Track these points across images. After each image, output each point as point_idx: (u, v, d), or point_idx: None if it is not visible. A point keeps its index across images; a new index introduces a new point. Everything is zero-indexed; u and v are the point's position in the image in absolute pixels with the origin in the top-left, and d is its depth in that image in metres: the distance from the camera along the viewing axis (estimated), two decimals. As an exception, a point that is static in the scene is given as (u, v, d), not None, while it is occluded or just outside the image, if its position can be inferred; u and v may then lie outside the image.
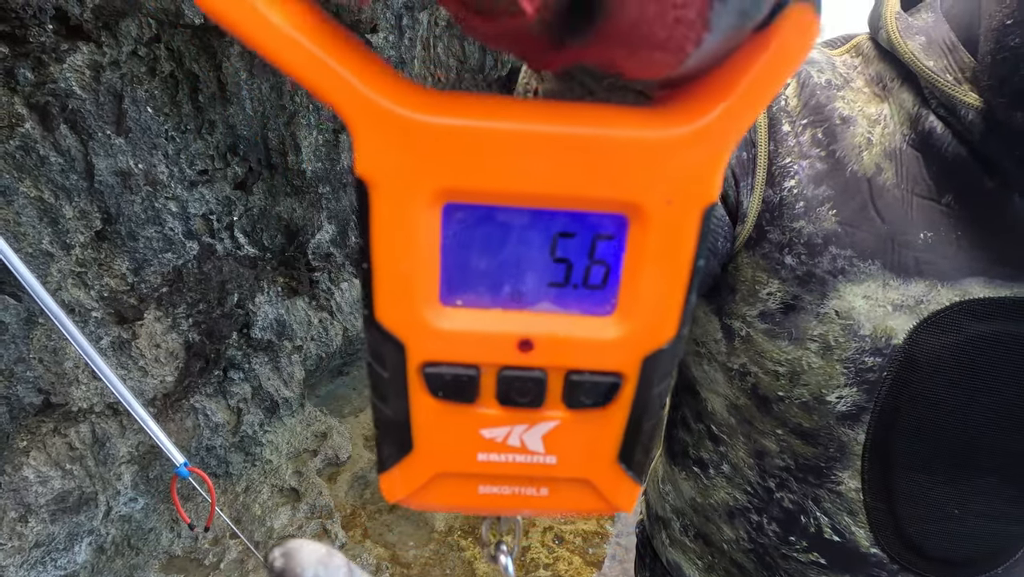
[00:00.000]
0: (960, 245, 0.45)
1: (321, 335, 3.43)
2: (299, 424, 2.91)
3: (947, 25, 0.45)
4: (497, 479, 0.21)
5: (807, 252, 0.48)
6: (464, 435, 0.20)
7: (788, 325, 0.49)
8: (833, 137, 0.48)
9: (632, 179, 0.16)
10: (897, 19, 0.48)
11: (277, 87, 3.96)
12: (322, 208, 4.18)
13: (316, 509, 2.46)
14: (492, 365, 0.18)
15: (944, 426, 0.48)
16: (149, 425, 1.82)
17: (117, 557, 2.17)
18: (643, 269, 0.17)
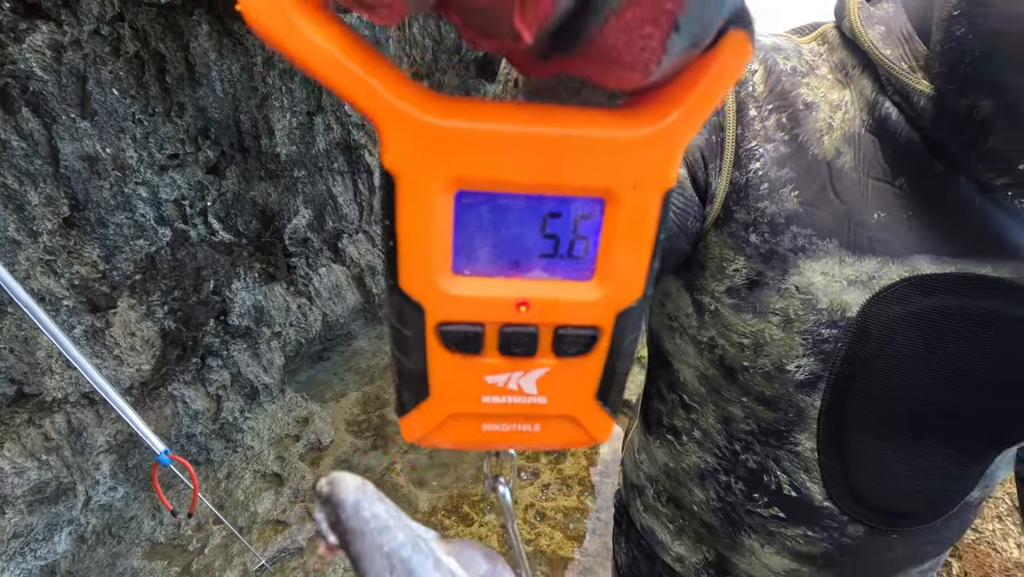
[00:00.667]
0: (911, 225, 0.48)
1: (300, 321, 3.41)
2: (280, 410, 2.91)
3: (905, 15, 0.48)
4: (498, 418, 0.25)
5: (770, 231, 0.50)
6: (471, 381, 0.23)
7: (752, 300, 0.52)
8: (796, 122, 0.50)
9: (606, 170, 0.20)
10: (860, 9, 0.50)
11: (248, 68, 3.87)
12: (298, 192, 4.12)
13: (300, 493, 2.47)
14: (495, 323, 0.22)
15: (893, 392, 0.51)
16: (127, 413, 1.81)
17: (98, 546, 2.16)
18: (616, 242, 0.21)
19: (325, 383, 3.42)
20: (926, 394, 0.50)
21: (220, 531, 2.28)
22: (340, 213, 4.34)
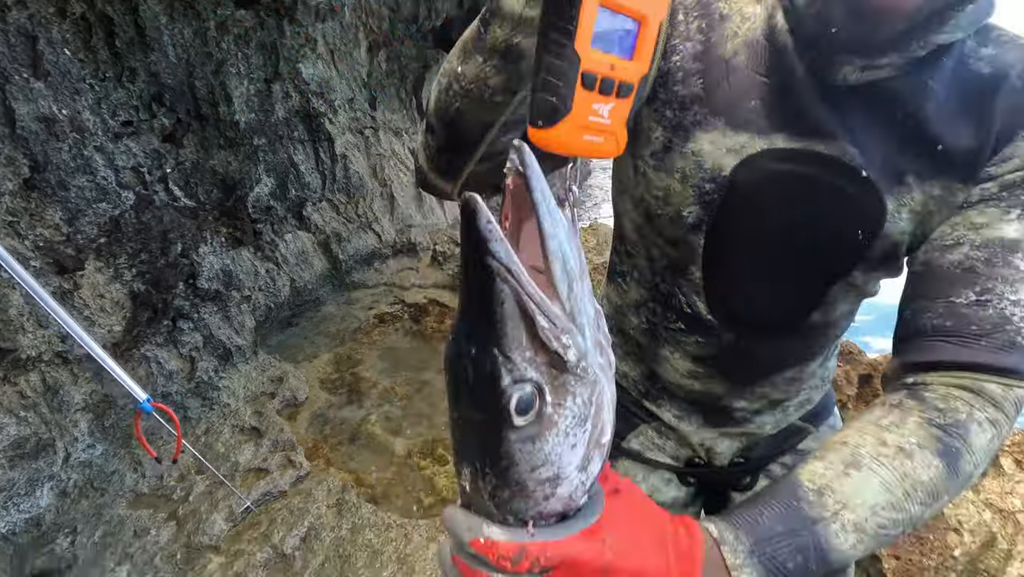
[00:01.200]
0: (774, 111, 0.64)
1: (269, 286, 3.45)
2: (254, 370, 2.97)
3: None
4: (591, 131, 0.45)
5: (680, 108, 0.66)
6: (587, 107, 0.43)
7: (666, 161, 0.68)
8: (712, 28, 0.66)
9: (644, 5, 0.44)
10: None
11: (201, 33, 3.80)
12: (259, 161, 4.10)
13: (279, 444, 2.57)
14: (601, 75, 0.43)
15: (754, 232, 0.69)
16: (108, 362, 1.86)
17: (82, 499, 2.22)
18: (642, 43, 0.45)
19: (296, 346, 3.49)
20: (777, 233, 0.67)
21: (203, 480, 2.36)
22: (303, 182, 4.34)
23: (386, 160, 5.07)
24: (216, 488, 2.31)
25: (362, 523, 2.16)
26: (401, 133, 6.08)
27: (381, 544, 2.06)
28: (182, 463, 2.35)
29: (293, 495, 2.33)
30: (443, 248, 4.42)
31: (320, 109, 4.67)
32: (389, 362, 3.41)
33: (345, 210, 4.44)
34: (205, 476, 2.39)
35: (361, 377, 3.24)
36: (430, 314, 3.94)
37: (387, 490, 2.49)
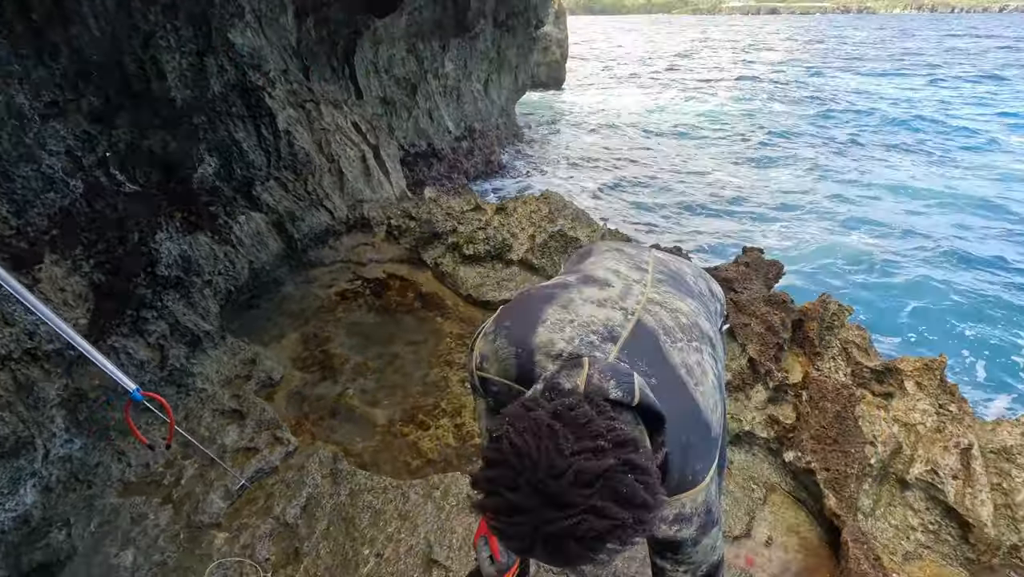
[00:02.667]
0: None
1: (228, 269, 3.41)
2: (225, 354, 2.97)
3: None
4: None
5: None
6: None
7: None
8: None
9: None
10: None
11: (125, 3, 3.57)
12: (199, 140, 3.94)
13: (262, 423, 2.62)
14: None
15: None
16: (95, 355, 1.87)
17: (68, 493, 2.21)
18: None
19: (261, 328, 3.48)
20: None
21: (192, 464, 2.40)
22: (247, 160, 4.22)
23: (331, 135, 4.97)
24: (207, 470, 2.36)
25: (359, 487, 2.29)
26: (341, 105, 5.93)
27: (381, 504, 2.21)
28: (167, 449, 2.37)
29: (285, 469, 2.42)
30: (397, 222, 4.45)
31: (258, 83, 4.49)
32: (357, 337, 3.48)
33: (294, 188, 4.37)
34: (193, 460, 2.42)
35: (332, 354, 3.30)
36: (391, 288, 4.01)
37: (375, 457, 2.62)
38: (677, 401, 0.92)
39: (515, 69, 13.87)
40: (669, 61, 39.14)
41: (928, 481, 2.16)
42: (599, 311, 1.00)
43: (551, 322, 0.97)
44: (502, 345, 0.99)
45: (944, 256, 8.84)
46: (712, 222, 10.39)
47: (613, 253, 1.30)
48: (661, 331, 1.00)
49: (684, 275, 1.30)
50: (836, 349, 2.56)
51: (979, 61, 34.98)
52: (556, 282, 1.12)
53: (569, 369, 0.86)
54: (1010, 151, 14.93)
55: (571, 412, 0.72)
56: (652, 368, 0.93)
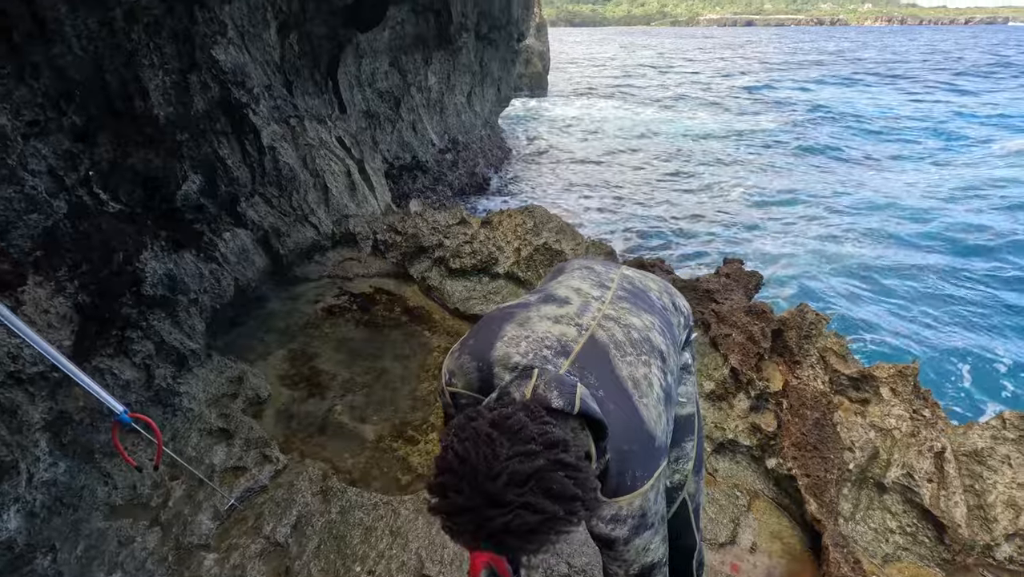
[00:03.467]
0: None
1: (214, 287, 3.40)
2: (211, 373, 2.96)
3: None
4: None
5: None
6: None
7: None
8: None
9: None
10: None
11: (107, 22, 3.58)
12: (183, 157, 3.94)
13: (251, 442, 2.61)
14: None
15: None
16: (82, 378, 1.87)
17: (53, 517, 2.19)
18: None
19: (247, 345, 3.47)
20: None
21: (179, 485, 2.39)
22: (231, 176, 4.22)
23: (315, 150, 4.99)
24: (195, 490, 2.35)
25: (350, 504, 2.30)
26: (325, 120, 5.96)
27: (372, 521, 2.22)
28: (155, 471, 2.35)
29: (275, 488, 2.42)
30: (383, 237, 4.48)
31: (242, 99, 4.50)
32: (344, 353, 3.49)
33: (279, 203, 4.37)
34: (181, 480, 2.41)
35: (319, 370, 3.31)
36: (378, 303, 4.03)
37: (364, 474, 2.63)
38: (621, 412, 1.00)
39: (498, 81, 14.01)
40: (648, 73, 39.81)
41: (904, 484, 2.23)
42: (555, 327, 1.09)
43: (508, 338, 1.06)
44: (466, 360, 1.08)
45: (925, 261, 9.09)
46: (698, 230, 10.56)
47: (581, 271, 1.37)
48: (612, 345, 1.08)
49: (649, 291, 1.36)
50: (814, 357, 2.64)
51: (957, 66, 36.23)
52: (519, 302, 1.22)
53: (520, 380, 0.95)
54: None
55: (507, 420, 0.80)
56: (600, 380, 1.01)
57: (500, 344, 1.05)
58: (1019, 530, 2.12)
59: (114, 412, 1.94)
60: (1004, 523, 2.14)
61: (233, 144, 4.39)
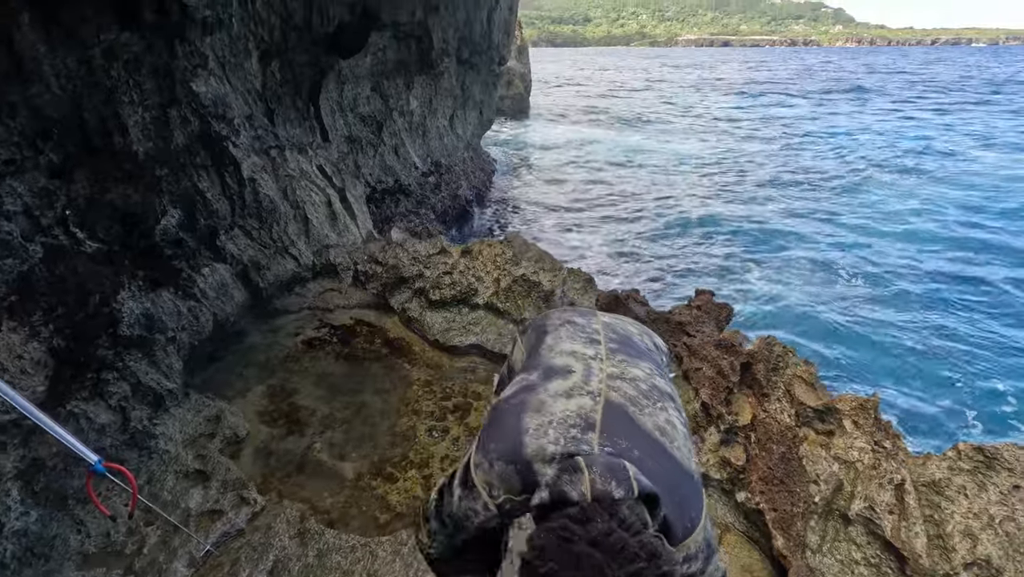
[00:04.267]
0: None
1: (192, 324, 3.40)
2: (188, 412, 2.95)
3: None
4: None
5: None
6: None
7: None
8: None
9: None
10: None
11: (86, 61, 3.61)
12: (162, 192, 3.95)
13: (227, 483, 2.61)
14: None
15: None
16: (56, 429, 1.87)
17: (24, 568, 2.16)
18: None
19: (226, 382, 3.47)
20: None
21: (154, 531, 2.38)
22: (211, 209, 4.23)
23: (296, 181, 5.03)
24: (171, 536, 2.34)
25: (327, 547, 2.31)
26: (306, 149, 6.00)
27: (349, 564, 2.23)
28: (130, 519, 2.34)
29: (252, 531, 2.42)
30: (364, 268, 4.51)
31: (222, 132, 4.53)
32: (324, 388, 3.50)
33: (259, 236, 4.39)
34: (155, 526, 2.40)
35: (299, 406, 3.31)
36: (359, 335, 4.05)
37: (343, 514, 2.64)
38: (660, 465, 1.03)
39: (480, 104, 14.20)
40: (628, 94, 40.57)
41: (867, 517, 2.31)
42: (570, 403, 1.10)
43: (533, 430, 1.06)
44: (500, 468, 1.06)
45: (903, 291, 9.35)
46: (677, 257, 10.73)
47: (566, 328, 1.41)
48: (628, 403, 1.12)
49: (631, 336, 1.42)
50: (781, 390, 2.73)
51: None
52: (523, 386, 1.21)
53: (570, 475, 0.95)
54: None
55: (608, 538, 0.81)
56: (631, 441, 1.04)
57: (528, 439, 1.05)
58: (976, 559, 2.20)
59: (88, 462, 1.94)
60: (962, 552, 2.22)
61: (213, 177, 4.41)
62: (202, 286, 3.63)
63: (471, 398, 3.40)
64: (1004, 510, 2.24)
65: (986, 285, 9.31)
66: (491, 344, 3.83)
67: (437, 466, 2.91)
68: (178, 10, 4.14)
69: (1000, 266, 10.03)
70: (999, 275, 9.64)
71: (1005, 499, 2.27)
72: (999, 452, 2.34)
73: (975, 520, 2.25)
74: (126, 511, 2.21)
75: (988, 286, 9.27)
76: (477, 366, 3.74)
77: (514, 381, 1.28)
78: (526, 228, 11.79)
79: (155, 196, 3.91)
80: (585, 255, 10.58)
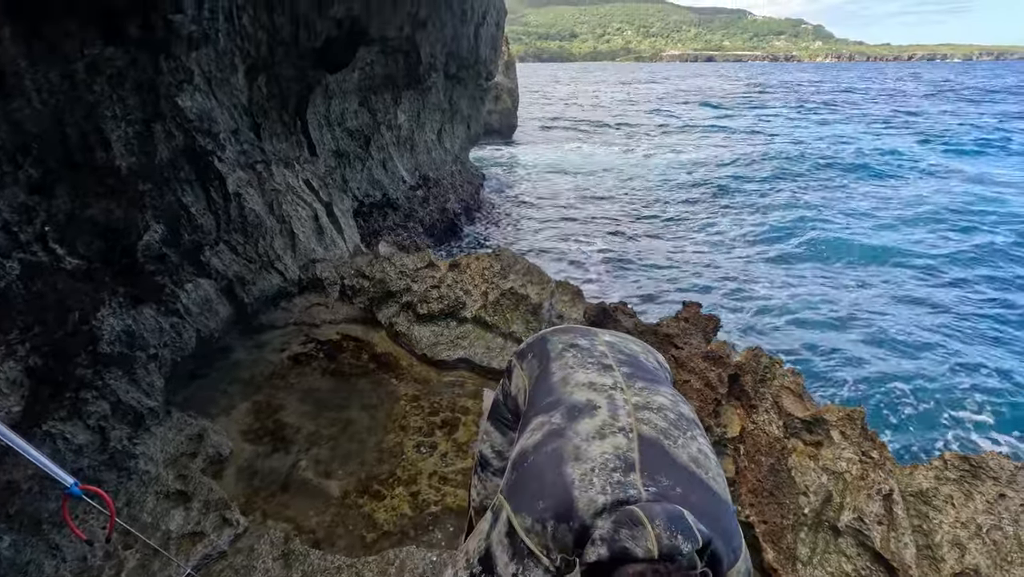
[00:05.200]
0: None
1: (175, 340, 3.34)
2: (170, 431, 2.89)
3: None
4: None
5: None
6: None
7: None
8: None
9: None
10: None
11: (69, 75, 3.58)
12: (146, 207, 3.91)
13: (210, 504, 2.55)
14: None
15: None
16: (31, 451, 1.82)
17: (-4, 597, 2.09)
18: None
19: (209, 399, 3.40)
20: None
21: (133, 554, 2.31)
22: (195, 224, 4.19)
23: (282, 195, 5.00)
24: (150, 560, 2.28)
25: (312, 569, 2.26)
26: (292, 163, 5.98)
27: (335, 587, 2.18)
28: (107, 543, 2.27)
29: (234, 554, 2.36)
30: (351, 282, 4.48)
31: (207, 147, 4.50)
32: (310, 404, 3.45)
33: (245, 251, 4.35)
34: (134, 550, 2.33)
35: (284, 423, 3.26)
36: (345, 350, 4.01)
37: (329, 533, 2.59)
38: (700, 499, 1.01)
39: (467, 119, 14.29)
40: (614, 106, 41.09)
41: (856, 528, 2.31)
42: (605, 444, 1.07)
43: (579, 481, 1.01)
44: (554, 527, 1.01)
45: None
46: (663, 268, 10.81)
47: (573, 354, 1.37)
48: (661, 436, 1.09)
49: (638, 356, 1.41)
50: (769, 402, 2.74)
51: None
52: (549, 430, 1.16)
53: (630, 529, 0.90)
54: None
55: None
56: (671, 477, 1.02)
57: (577, 493, 1.00)
58: (965, 569, 2.21)
59: (63, 485, 1.89)
60: (951, 562, 2.22)
61: (198, 192, 4.37)
62: (185, 302, 3.58)
63: (459, 413, 3.36)
64: (991, 519, 2.25)
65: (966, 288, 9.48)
66: (479, 358, 3.80)
67: (425, 482, 2.87)
68: (163, 25, 4.13)
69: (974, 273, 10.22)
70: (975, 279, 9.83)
71: (991, 508, 2.28)
72: (984, 461, 2.36)
73: (963, 529, 2.26)
74: (103, 534, 2.15)
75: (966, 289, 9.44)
76: (465, 380, 3.71)
77: (533, 423, 1.22)
78: (514, 241, 11.82)
79: (138, 211, 3.86)
80: (573, 267, 10.62)
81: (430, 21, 10.51)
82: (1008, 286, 9.78)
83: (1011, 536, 2.19)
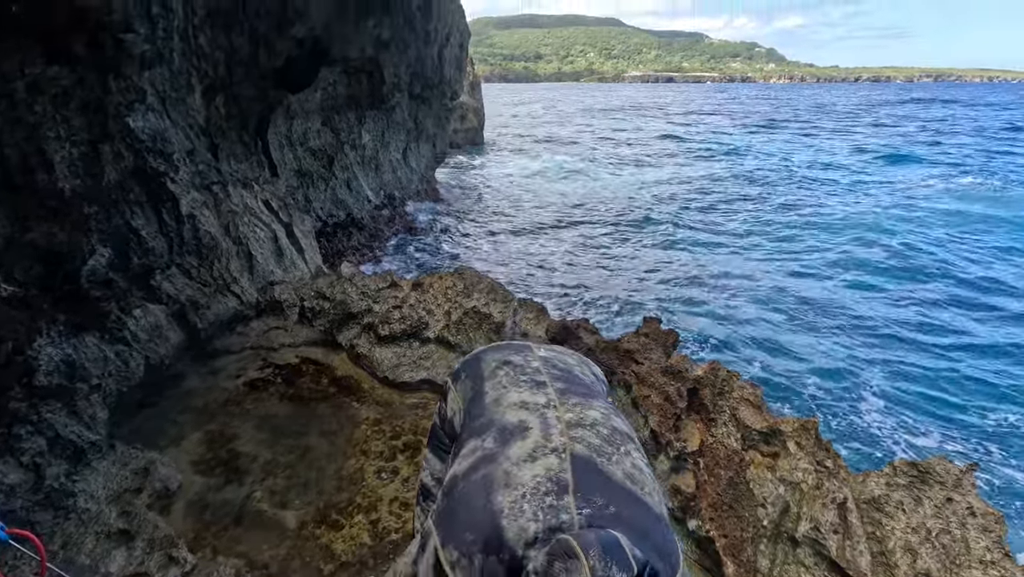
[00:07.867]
0: None
1: (120, 369, 3.19)
2: (113, 466, 2.74)
3: None
4: None
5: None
6: None
7: None
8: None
9: None
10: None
11: (7, 95, 3.45)
12: (91, 230, 3.76)
13: (154, 542, 2.41)
14: None
15: None
16: (-49, 496, 1.69)
17: (-90, 656, 1.92)
18: None
19: (158, 430, 3.25)
20: None
21: (69, 601, 2.16)
22: (146, 248, 4.05)
23: (239, 216, 4.89)
24: (87, 606, 2.14)
25: (264, 607, 2.16)
26: (251, 184, 5.87)
27: (288, 624, 2.09)
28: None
29: (181, 594, 2.24)
30: (311, 304, 4.38)
31: (159, 168, 4.38)
32: (267, 432, 3.33)
33: (199, 274, 4.21)
34: (71, 596, 2.18)
35: (238, 452, 3.13)
36: (304, 374, 3.90)
37: (284, 567, 2.48)
38: (636, 514, 0.98)
39: (433, 137, 14.34)
40: (576, 125, 41.94)
41: (813, 537, 2.35)
42: (536, 466, 1.03)
43: (507, 510, 0.97)
44: (482, 561, 0.96)
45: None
46: (622, 286, 10.96)
47: (505, 373, 1.34)
48: (595, 454, 1.06)
49: (572, 369, 1.39)
50: (727, 414, 2.78)
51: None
52: (480, 457, 1.12)
53: (563, 561, 0.87)
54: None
55: None
56: (605, 496, 0.98)
57: (506, 521, 0.96)
58: (917, 573, 2.26)
59: (-12, 531, 1.76)
60: (904, 568, 2.27)
61: (149, 214, 4.23)
62: (133, 329, 3.43)
63: (422, 435, 3.30)
64: (939, 523, 2.32)
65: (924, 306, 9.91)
66: (442, 379, 3.75)
67: (385, 509, 2.79)
68: (113, 44, 4.02)
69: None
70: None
71: (939, 512, 2.35)
72: (931, 467, 2.44)
73: (913, 534, 2.32)
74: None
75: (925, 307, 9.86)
76: (428, 402, 3.65)
77: (466, 448, 1.18)
78: (478, 258, 11.81)
79: (83, 234, 3.71)
80: (537, 284, 10.67)
81: (393, 42, 10.55)
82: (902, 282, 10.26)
83: (959, 539, 2.26)
